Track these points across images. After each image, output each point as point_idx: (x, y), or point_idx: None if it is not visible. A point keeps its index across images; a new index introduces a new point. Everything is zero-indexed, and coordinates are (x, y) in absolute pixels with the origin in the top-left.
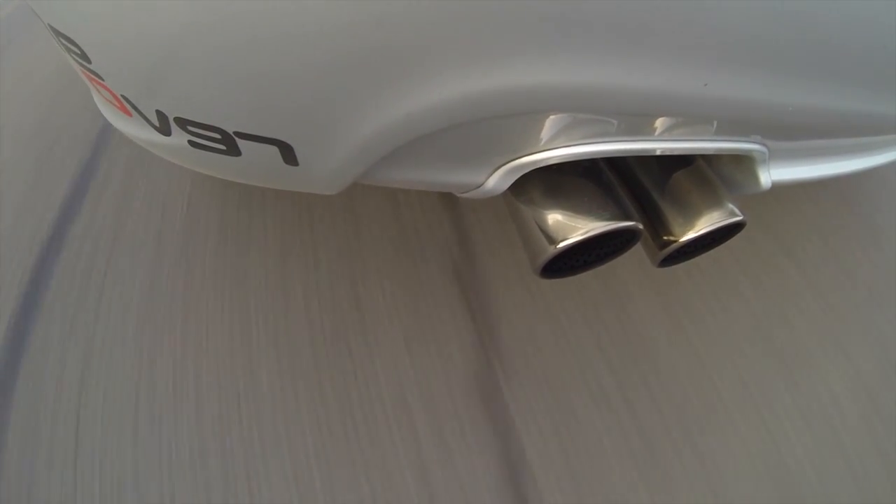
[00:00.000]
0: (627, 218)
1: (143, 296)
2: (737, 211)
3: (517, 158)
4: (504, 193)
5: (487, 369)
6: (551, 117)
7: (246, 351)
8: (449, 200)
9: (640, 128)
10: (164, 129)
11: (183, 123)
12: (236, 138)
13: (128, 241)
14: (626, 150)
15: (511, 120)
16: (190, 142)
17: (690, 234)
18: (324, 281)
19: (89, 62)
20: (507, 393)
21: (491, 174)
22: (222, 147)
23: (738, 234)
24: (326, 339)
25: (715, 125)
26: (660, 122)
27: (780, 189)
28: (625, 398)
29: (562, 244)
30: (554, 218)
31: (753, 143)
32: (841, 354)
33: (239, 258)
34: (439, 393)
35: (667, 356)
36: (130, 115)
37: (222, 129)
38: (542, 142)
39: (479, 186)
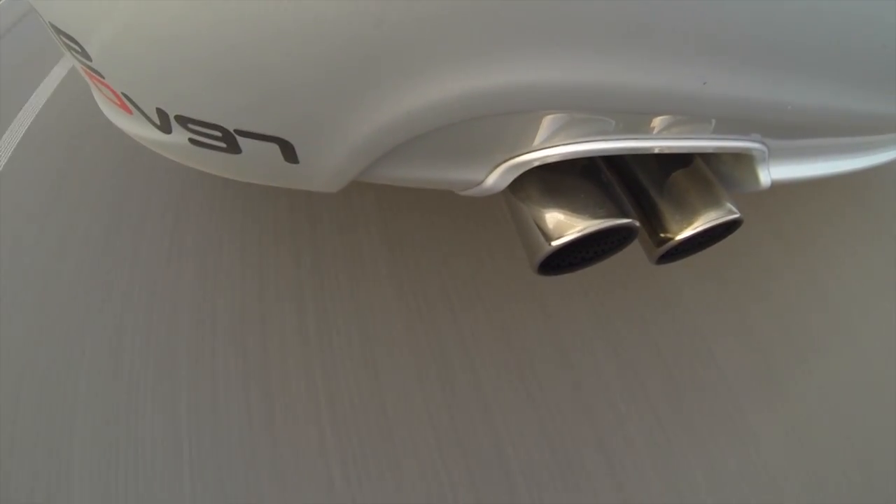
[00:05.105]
0: (624, 215)
1: None
2: (734, 209)
3: (516, 156)
4: (503, 192)
5: None
6: (550, 116)
7: None
8: None
9: (638, 126)
10: (165, 127)
11: (183, 121)
12: (237, 136)
13: None
14: (624, 149)
15: (510, 118)
16: (190, 140)
17: (687, 232)
18: None
19: (90, 60)
20: None
21: (490, 172)
22: (223, 145)
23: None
24: None
25: (714, 124)
26: (658, 121)
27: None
28: None
29: (558, 241)
30: (551, 216)
31: (752, 141)
32: None
33: None
34: None
35: None
36: (131, 112)
37: (223, 127)
38: (542, 140)
39: (478, 184)
